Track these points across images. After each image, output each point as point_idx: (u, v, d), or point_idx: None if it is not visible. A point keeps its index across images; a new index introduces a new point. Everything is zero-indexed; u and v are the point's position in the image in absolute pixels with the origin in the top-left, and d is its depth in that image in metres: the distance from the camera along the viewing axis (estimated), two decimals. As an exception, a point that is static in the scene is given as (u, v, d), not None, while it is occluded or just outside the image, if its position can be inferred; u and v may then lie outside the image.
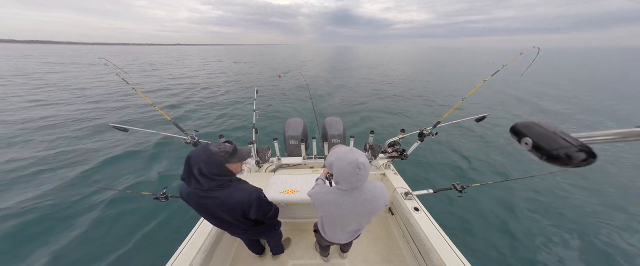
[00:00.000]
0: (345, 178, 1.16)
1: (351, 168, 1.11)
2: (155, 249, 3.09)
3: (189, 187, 1.27)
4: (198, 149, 1.23)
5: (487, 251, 3.11)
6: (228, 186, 1.30)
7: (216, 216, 1.40)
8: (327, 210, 1.31)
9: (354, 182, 1.16)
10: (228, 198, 1.29)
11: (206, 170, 1.19)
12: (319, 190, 1.36)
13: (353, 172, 1.12)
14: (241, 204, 1.33)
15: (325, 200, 1.29)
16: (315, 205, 1.37)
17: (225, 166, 1.26)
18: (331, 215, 1.34)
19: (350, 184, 1.18)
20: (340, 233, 1.51)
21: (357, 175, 1.12)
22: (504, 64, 2.46)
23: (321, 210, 1.36)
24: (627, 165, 5.26)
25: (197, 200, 1.30)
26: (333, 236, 1.55)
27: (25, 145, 5.87)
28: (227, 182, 1.30)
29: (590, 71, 26.27)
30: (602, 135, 0.44)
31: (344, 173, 1.14)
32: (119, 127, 2.24)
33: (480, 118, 2.33)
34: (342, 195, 1.24)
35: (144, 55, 52.37)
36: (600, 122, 8.31)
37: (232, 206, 1.32)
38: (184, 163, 1.22)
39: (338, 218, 1.35)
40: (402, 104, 10.72)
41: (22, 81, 15.14)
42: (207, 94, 12.42)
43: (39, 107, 9.23)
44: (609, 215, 3.75)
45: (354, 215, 1.30)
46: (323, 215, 1.42)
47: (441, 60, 45.87)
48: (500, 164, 5.32)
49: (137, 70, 23.51)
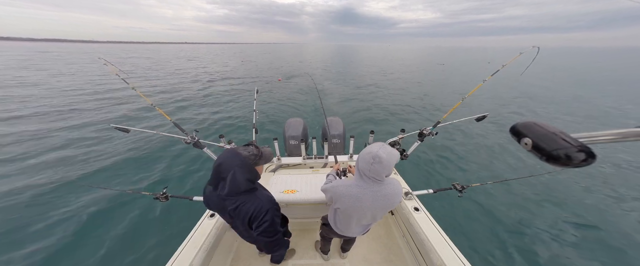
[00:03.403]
0: (361, 166, 1.24)
1: (368, 158, 1.19)
2: (155, 249, 3.09)
3: (215, 192, 1.27)
4: (229, 154, 1.22)
5: (487, 251, 3.11)
6: (252, 191, 1.30)
7: (231, 218, 1.37)
8: (346, 202, 1.35)
9: (367, 172, 1.22)
10: (244, 205, 1.27)
11: (240, 174, 1.19)
12: (338, 183, 1.40)
13: (369, 161, 1.19)
14: (252, 214, 1.29)
15: (345, 193, 1.33)
16: (333, 198, 1.40)
17: (255, 169, 1.28)
18: (350, 207, 1.36)
19: (363, 173, 1.24)
20: (355, 227, 1.54)
21: (371, 165, 1.19)
22: (503, 64, 2.45)
23: (340, 202, 1.38)
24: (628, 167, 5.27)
25: (222, 204, 1.30)
26: (346, 229, 1.58)
27: (25, 144, 5.88)
28: (253, 186, 1.30)
29: (603, 72, 26.13)
30: (602, 136, 0.44)
31: (362, 162, 1.23)
32: (120, 128, 2.24)
33: (481, 117, 2.32)
34: (363, 188, 1.28)
35: (147, 54, 52.42)
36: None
37: (244, 214, 1.28)
38: (214, 168, 1.21)
39: (356, 211, 1.37)
40: (403, 104, 10.71)
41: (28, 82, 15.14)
42: (208, 94, 12.42)
43: (39, 107, 9.24)
44: (612, 212, 3.75)
45: (372, 209, 1.34)
46: (341, 208, 1.42)
47: (445, 59, 45.89)
48: (500, 164, 5.32)
49: (140, 69, 23.52)
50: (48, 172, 4.69)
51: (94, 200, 3.89)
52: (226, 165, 1.19)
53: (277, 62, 35.61)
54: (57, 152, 5.51)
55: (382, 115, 9.16)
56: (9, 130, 6.74)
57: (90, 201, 3.87)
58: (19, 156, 5.29)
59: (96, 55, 3.32)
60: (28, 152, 5.46)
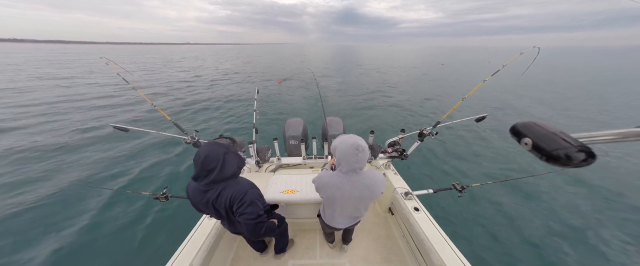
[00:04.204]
0: (346, 159, 1.28)
1: (352, 150, 1.24)
2: (155, 249, 3.09)
3: (198, 183, 1.29)
4: (211, 146, 1.25)
5: (487, 251, 3.11)
6: (234, 178, 1.35)
7: (216, 211, 1.39)
8: (327, 191, 1.43)
9: (353, 163, 1.27)
10: (224, 190, 1.31)
11: (230, 160, 1.26)
12: (323, 173, 1.47)
13: (353, 153, 1.24)
14: (232, 197, 1.32)
15: (326, 183, 1.40)
16: (318, 187, 1.47)
17: (240, 155, 1.35)
18: (331, 196, 1.44)
19: (350, 165, 1.29)
20: (338, 217, 1.60)
21: (357, 156, 1.25)
22: (503, 64, 2.45)
23: (322, 191, 1.46)
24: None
25: (202, 196, 1.32)
26: (332, 219, 1.64)
27: (26, 141, 5.88)
28: (238, 173, 1.36)
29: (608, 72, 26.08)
30: (602, 136, 0.44)
31: (346, 155, 1.27)
32: (119, 127, 2.24)
33: (480, 118, 2.32)
34: (342, 178, 1.35)
35: (150, 54, 52.41)
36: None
37: (225, 198, 1.32)
38: (196, 161, 1.23)
39: (337, 200, 1.44)
40: (403, 104, 10.71)
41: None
42: (208, 95, 12.41)
43: (38, 105, 9.24)
44: (616, 215, 3.75)
45: (353, 199, 1.41)
46: (324, 197, 1.51)
47: (446, 59, 45.85)
48: (500, 164, 5.32)
49: (141, 69, 23.52)
50: (48, 172, 4.69)
51: (93, 200, 3.89)
52: (214, 155, 1.22)
53: (278, 62, 35.64)
54: (57, 152, 5.51)
55: (382, 115, 9.16)
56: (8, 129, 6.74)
57: (89, 201, 3.86)
58: (18, 156, 5.29)
59: (99, 56, 3.31)
60: (28, 152, 5.46)
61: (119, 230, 3.38)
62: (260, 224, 1.35)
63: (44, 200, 3.89)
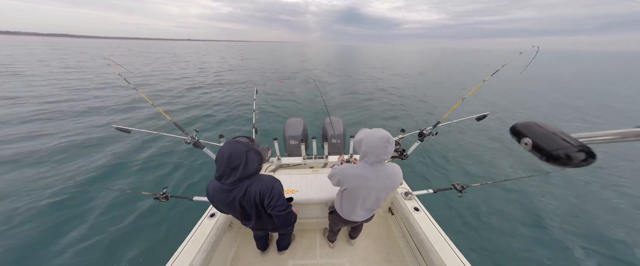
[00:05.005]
0: (375, 151, 1.33)
1: (382, 143, 1.30)
2: (155, 249, 3.09)
3: (221, 183, 1.30)
4: (233, 144, 1.28)
5: (487, 251, 3.11)
6: (257, 174, 1.38)
7: (243, 208, 1.42)
8: (353, 182, 1.45)
9: (381, 155, 1.33)
10: (250, 187, 1.34)
11: (253, 156, 1.29)
12: (344, 166, 1.50)
13: (383, 145, 1.30)
14: (260, 192, 1.36)
15: (352, 174, 1.44)
16: (341, 179, 1.50)
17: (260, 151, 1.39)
18: (356, 187, 1.46)
19: (377, 157, 1.34)
20: (359, 209, 1.61)
21: (386, 148, 1.31)
22: (503, 64, 2.45)
23: (347, 183, 1.48)
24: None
25: (226, 195, 1.34)
26: (351, 213, 1.65)
27: (26, 141, 5.88)
28: (260, 169, 1.40)
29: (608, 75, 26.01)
30: (602, 136, 0.44)
31: (374, 147, 1.32)
32: (121, 128, 2.23)
33: (481, 117, 2.31)
34: (368, 169, 1.40)
35: (151, 51, 52.37)
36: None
37: (253, 194, 1.36)
38: (220, 160, 1.25)
39: (362, 191, 1.47)
40: (403, 104, 10.71)
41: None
42: (208, 95, 12.41)
43: (37, 106, 9.24)
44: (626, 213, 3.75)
45: (376, 189, 1.46)
46: (348, 188, 1.51)
47: (448, 61, 45.79)
48: (500, 164, 5.32)
49: (142, 68, 23.50)
50: (47, 173, 4.69)
51: (93, 200, 3.88)
52: (237, 153, 1.24)
53: (280, 61, 35.57)
54: (57, 152, 5.51)
55: (383, 115, 9.16)
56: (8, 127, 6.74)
57: (89, 202, 3.86)
58: (17, 156, 5.29)
59: (102, 51, 3.31)
60: (26, 152, 5.46)
61: (119, 230, 3.37)
62: (290, 214, 1.45)
63: (44, 200, 3.89)
